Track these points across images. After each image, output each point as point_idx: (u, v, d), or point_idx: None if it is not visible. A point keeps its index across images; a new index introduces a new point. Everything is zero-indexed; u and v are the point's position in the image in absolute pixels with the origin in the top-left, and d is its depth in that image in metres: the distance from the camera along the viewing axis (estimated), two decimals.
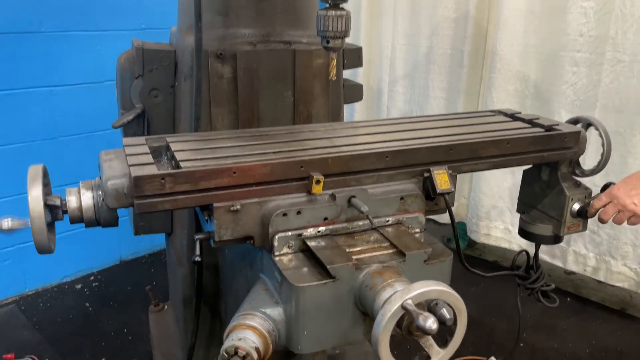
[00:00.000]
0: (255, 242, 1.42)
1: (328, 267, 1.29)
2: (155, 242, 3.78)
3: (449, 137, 1.63)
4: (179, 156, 1.45)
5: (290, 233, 1.40)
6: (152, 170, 1.35)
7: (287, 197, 1.43)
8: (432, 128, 1.75)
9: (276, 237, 1.38)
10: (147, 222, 2.27)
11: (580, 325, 3.14)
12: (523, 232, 2.02)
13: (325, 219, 1.43)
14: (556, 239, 1.97)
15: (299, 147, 1.53)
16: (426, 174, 1.55)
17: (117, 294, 3.35)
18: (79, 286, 3.43)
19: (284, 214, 1.39)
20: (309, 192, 1.43)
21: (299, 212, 1.40)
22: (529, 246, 2.09)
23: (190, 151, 1.51)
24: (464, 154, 1.60)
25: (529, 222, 1.98)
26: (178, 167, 1.40)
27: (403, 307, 1.15)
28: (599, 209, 1.82)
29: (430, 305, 1.30)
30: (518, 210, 2.07)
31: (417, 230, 1.54)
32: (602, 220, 1.84)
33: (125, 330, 2.99)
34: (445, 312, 1.29)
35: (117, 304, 3.25)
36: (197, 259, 1.43)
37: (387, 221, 1.50)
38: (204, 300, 2.15)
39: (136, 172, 1.32)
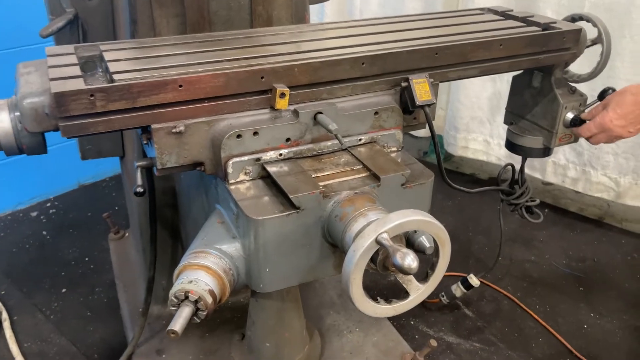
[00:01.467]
0: (207, 169, 1.22)
1: (291, 196, 1.11)
2: (117, 164, 3.54)
3: (433, 40, 1.40)
4: (113, 67, 1.20)
5: (246, 158, 1.20)
6: (78, 84, 1.11)
7: (243, 115, 1.22)
8: (413, 29, 1.52)
9: (230, 162, 1.19)
10: (95, 145, 2.04)
11: (557, 236, 3.08)
12: (510, 145, 1.86)
13: (288, 140, 1.23)
14: (545, 152, 1.81)
15: (259, 54, 1.29)
16: (404, 84, 1.34)
17: (77, 221, 3.15)
18: (34, 213, 3.22)
19: (238, 136, 1.18)
20: (272, 108, 1.22)
21: (255, 133, 1.19)
22: (510, 158, 1.94)
23: (127, 61, 1.26)
24: (451, 59, 1.39)
25: (518, 134, 1.81)
26: (112, 80, 1.16)
27: (377, 241, 0.99)
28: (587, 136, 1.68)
29: (408, 234, 1.15)
30: (505, 122, 1.89)
31: (394, 149, 1.36)
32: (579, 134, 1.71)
33: (86, 259, 2.84)
34: (425, 240, 1.15)
35: (77, 231, 3.07)
36: (139, 189, 1.23)
37: (360, 140, 1.31)
38: (163, 226, 1.98)
39: (58, 87, 1.09)
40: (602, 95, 1.67)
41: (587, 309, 2.56)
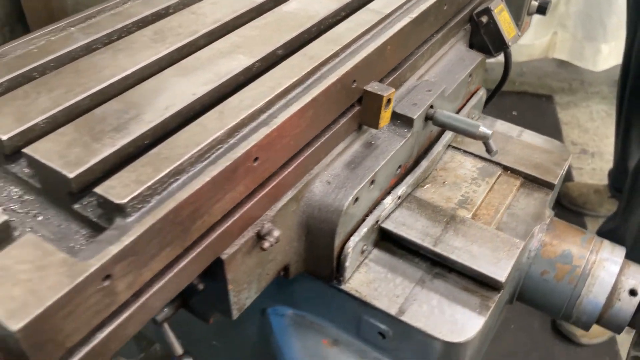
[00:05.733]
0: (291, 271, 0.65)
1: (495, 277, 0.63)
2: None
3: None
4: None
5: (365, 229, 0.65)
6: None
7: (334, 157, 0.64)
8: None
9: (349, 248, 0.63)
10: None
11: None
12: None
13: (398, 168, 0.70)
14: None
15: (288, 37, 0.66)
16: (484, 19, 0.87)
17: None
18: None
19: (357, 199, 0.62)
20: (360, 128, 0.66)
21: (373, 181, 0.64)
22: None
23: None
24: None
25: None
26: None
27: None
28: None
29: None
30: None
31: (476, 116, 0.92)
32: None
33: None
34: None
35: None
36: None
37: None
38: None
39: None
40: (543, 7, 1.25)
41: None
